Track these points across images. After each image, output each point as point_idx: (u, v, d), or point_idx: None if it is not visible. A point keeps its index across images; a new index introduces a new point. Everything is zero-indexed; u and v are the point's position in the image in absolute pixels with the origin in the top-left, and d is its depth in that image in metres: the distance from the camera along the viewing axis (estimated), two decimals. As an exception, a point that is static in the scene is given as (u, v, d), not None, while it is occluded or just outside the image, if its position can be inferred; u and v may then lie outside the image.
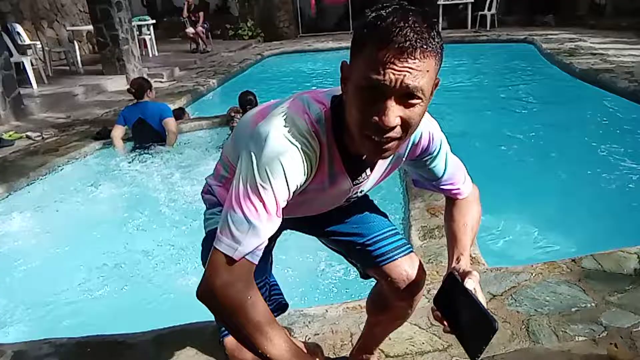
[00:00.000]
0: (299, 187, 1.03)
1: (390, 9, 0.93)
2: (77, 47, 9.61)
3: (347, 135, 1.04)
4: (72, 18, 11.66)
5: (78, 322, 2.55)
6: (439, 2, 13.10)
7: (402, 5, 0.94)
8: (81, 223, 3.69)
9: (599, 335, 1.90)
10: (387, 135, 0.94)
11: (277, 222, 1.00)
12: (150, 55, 11.47)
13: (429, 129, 1.20)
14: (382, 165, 1.21)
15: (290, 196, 1.01)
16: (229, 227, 0.97)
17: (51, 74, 9.07)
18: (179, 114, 6.06)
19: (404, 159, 1.24)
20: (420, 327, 2.02)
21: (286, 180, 0.98)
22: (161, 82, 8.84)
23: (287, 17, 14.71)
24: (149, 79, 5.28)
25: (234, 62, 10.55)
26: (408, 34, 0.88)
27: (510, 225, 3.35)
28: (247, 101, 5.31)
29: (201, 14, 12.01)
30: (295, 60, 11.37)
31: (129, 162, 4.67)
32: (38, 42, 9.21)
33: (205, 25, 12.16)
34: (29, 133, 5.70)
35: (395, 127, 0.93)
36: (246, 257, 0.97)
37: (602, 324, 1.95)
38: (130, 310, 2.66)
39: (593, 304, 2.08)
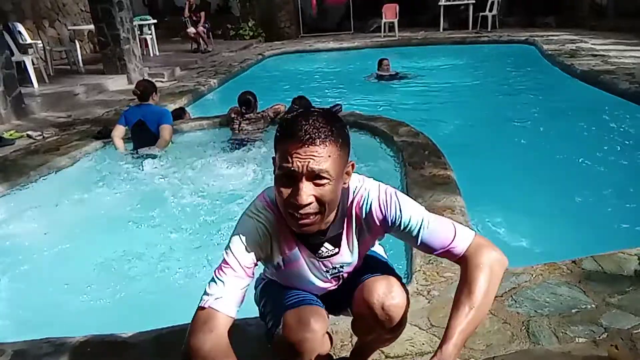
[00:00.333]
0: (261, 248, 1.32)
1: (298, 113, 1.21)
2: (78, 46, 9.62)
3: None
4: (73, 17, 11.67)
5: (78, 321, 2.55)
6: (440, 3, 13.12)
7: (309, 109, 1.23)
8: (81, 222, 3.68)
9: (599, 336, 1.90)
10: (304, 211, 1.18)
11: (244, 278, 1.28)
12: (151, 55, 11.48)
13: (378, 200, 1.34)
14: (348, 240, 1.38)
15: (255, 256, 1.30)
16: (206, 288, 1.28)
17: (52, 73, 9.08)
18: (180, 113, 6.06)
19: (369, 231, 1.38)
20: (420, 328, 2.02)
21: (244, 245, 1.29)
22: (162, 81, 8.85)
23: (288, 17, 14.72)
24: (155, 83, 5.21)
25: (235, 62, 10.55)
26: (308, 129, 1.14)
27: (511, 226, 3.35)
28: (245, 101, 5.31)
29: (202, 13, 12.02)
30: (296, 60, 11.38)
31: (130, 162, 4.67)
32: (39, 41, 9.22)
33: (207, 25, 12.16)
34: (29, 132, 5.71)
35: (310, 203, 1.17)
36: (212, 305, 1.22)
37: (603, 326, 1.95)
38: (130, 310, 2.66)
39: (593, 305, 2.08)
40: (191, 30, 11.75)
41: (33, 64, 8.12)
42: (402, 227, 1.32)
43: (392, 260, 1.66)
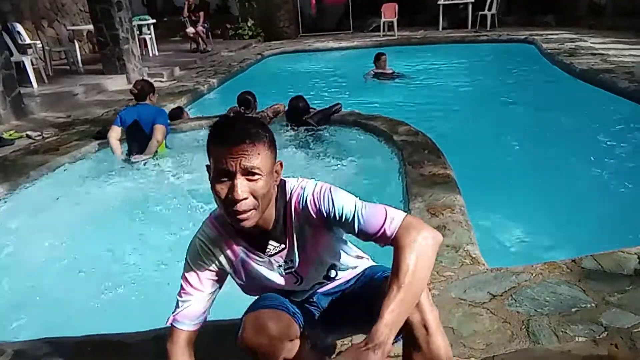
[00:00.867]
0: (206, 262, 1.46)
1: (223, 121, 1.31)
2: (77, 46, 9.62)
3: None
4: (72, 17, 11.66)
5: (78, 321, 2.55)
6: (439, 2, 13.11)
7: (235, 115, 1.36)
8: (81, 222, 3.68)
9: (599, 335, 1.90)
10: (241, 207, 1.27)
11: (197, 295, 1.46)
12: (151, 55, 11.47)
13: (311, 193, 1.41)
14: (291, 235, 1.44)
15: (204, 271, 1.46)
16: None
17: (51, 74, 9.07)
18: (178, 113, 6.06)
19: (309, 227, 1.42)
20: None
21: (190, 265, 1.47)
22: (161, 81, 8.84)
23: (288, 17, 14.70)
24: (153, 83, 5.15)
25: (234, 62, 10.55)
26: (236, 132, 1.26)
27: (511, 226, 3.35)
28: (244, 101, 5.31)
29: (201, 13, 12.01)
30: (295, 60, 11.37)
31: (129, 162, 4.66)
32: (38, 42, 9.22)
33: (206, 24, 12.15)
34: (29, 132, 5.70)
35: (245, 198, 1.26)
36: (173, 323, 1.46)
37: (602, 325, 1.95)
38: (130, 310, 2.66)
39: (593, 304, 2.08)
40: (190, 30, 11.74)
41: (32, 64, 8.12)
42: (337, 217, 1.37)
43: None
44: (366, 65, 8.50)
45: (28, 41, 8.47)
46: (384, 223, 1.32)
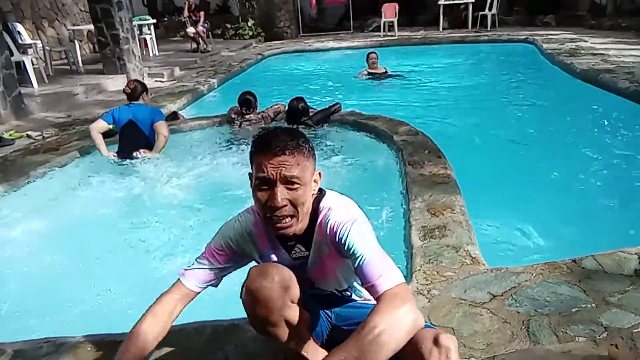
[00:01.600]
0: (238, 241, 1.57)
1: (267, 131, 1.42)
2: (77, 46, 9.63)
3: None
4: (72, 17, 11.66)
5: (78, 321, 2.55)
6: (439, 2, 13.11)
7: (277, 128, 1.45)
8: (81, 222, 3.68)
9: (600, 335, 1.90)
10: (280, 213, 1.37)
11: (214, 264, 1.57)
12: (151, 55, 11.47)
13: (336, 217, 1.46)
14: (315, 245, 1.51)
15: (231, 247, 1.57)
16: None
17: (52, 73, 9.08)
18: (172, 117, 6.07)
19: (326, 243, 1.48)
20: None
21: (219, 237, 1.60)
22: (162, 81, 8.85)
23: (288, 17, 14.71)
24: (145, 83, 5.12)
25: (235, 62, 10.55)
26: (278, 143, 1.36)
27: (511, 226, 3.35)
28: (245, 101, 5.31)
29: (202, 13, 12.02)
30: (295, 60, 11.37)
31: (130, 162, 4.66)
32: (39, 42, 9.22)
33: (206, 24, 12.16)
34: (29, 132, 5.71)
35: (285, 206, 1.36)
36: (180, 278, 1.60)
37: (603, 325, 1.95)
38: (130, 310, 2.65)
39: (593, 305, 2.08)
40: (191, 30, 11.74)
41: (32, 64, 8.13)
42: (346, 249, 1.40)
43: (392, 259, 1.66)
44: (366, 65, 8.50)
45: (28, 41, 8.48)
46: (377, 279, 1.32)
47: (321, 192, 1.53)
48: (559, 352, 1.83)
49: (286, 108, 5.52)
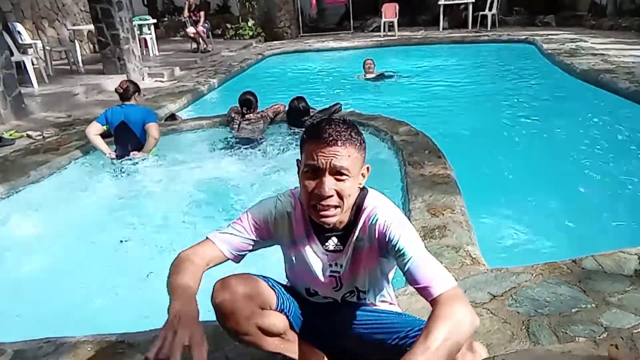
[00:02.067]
0: (274, 218, 1.53)
1: (322, 119, 1.41)
2: (77, 46, 9.62)
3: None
4: (72, 17, 11.66)
5: (78, 321, 2.55)
6: (440, 2, 13.11)
7: (330, 117, 1.40)
8: (82, 222, 3.69)
9: (600, 336, 1.90)
10: (326, 203, 1.35)
11: (246, 232, 1.52)
12: (151, 55, 11.48)
13: (385, 216, 1.45)
14: (352, 243, 1.49)
15: (266, 222, 1.53)
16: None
17: (52, 73, 9.08)
18: (170, 119, 6.07)
19: (373, 245, 1.47)
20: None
21: (256, 208, 1.57)
22: (162, 81, 8.85)
23: (288, 17, 14.71)
24: (137, 83, 5.09)
25: (235, 62, 10.55)
26: (331, 132, 1.34)
27: (511, 226, 3.35)
28: (244, 101, 5.31)
29: (202, 13, 12.02)
30: (295, 60, 11.37)
31: (130, 162, 4.66)
32: (39, 41, 9.22)
33: (206, 24, 12.16)
34: (29, 132, 5.70)
35: (331, 196, 1.35)
36: (212, 238, 1.52)
37: (603, 325, 1.95)
38: (130, 310, 2.66)
39: (593, 305, 2.08)
40: (191, 30, 11.74)
41: (33, 64, 8.13)
42: (395, 250, 1.40)
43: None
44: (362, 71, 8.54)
45: (28, 41, 8.48)
46: (431, 282, 1.31)
47: (364, 189, 1.51)
48: (559, 353, 1.83)
49: (286, 108, 5.52)
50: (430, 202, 3.17)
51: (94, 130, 4.76)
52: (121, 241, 3.41)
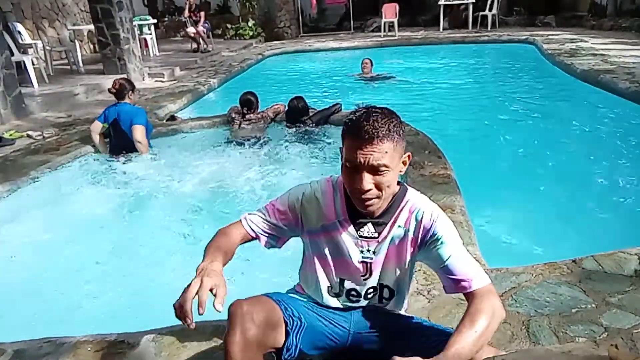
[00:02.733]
0: (306, 202, 1.56)
1: (360, 112, 1.41)
2: (78, 46, 9.62)
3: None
4: (73, 17, 11.67)
5: (78, 321, 2.55)
6: (440, 2, 13.11)
7: (369, 108, 1.42)
8: (82, 222, 3.68)
9: (600, 336, 1.90)
10: (366, 196, 1.39)
11: (274, 217, 1.58)
12: (151, 55, 11.47)
13: (431, 211, 1.51)
14: (389, 232, 1.51)
15: (296, 206, 1.56)
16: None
17: (52, 73, 9.07)
18: (170, 120, 6.07)
19: (412, 237, 1.51)
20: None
21: (287, 196, 1.60)
22: (162, 81, 8.85)
23: (288, 17, 14.72)
24: (133, 82, 5.08)
25: (235, 62, 10.55)
26: (369, 130, 1.34)
27: (511, 226, 3.35)
28: (245, 101, 5.31)
29: (202, 13, 12.02)
30: (296, 60, 11.37)
31: (130, 162, 4.66)
32: (39, 41, 9.22)
33: (206, 24, 12.16)
34: (29, 132, 5.70)
35: (370, 189, 1.38)
36: (242, 220, 1.61)
37: (603, 325, 1.95)
38: (130, 310, 2.66)
39: (593, 305, 2.08)
40: (191, 30, 11.74)
41: (33, 64, 8.12)
42: (437, 245, 1.47)
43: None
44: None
45: (29, 41, 8.48)
46: (471, 276, 1.42)
47: (404, 186, 1.56)
48: (559, 353, 1.82)
49: (286, 108, 5.52)
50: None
51: (95, 129, 4.85)
52: (121, 241, 3.41)
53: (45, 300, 2.80)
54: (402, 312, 1.69)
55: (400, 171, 1.46)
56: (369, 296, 1.60)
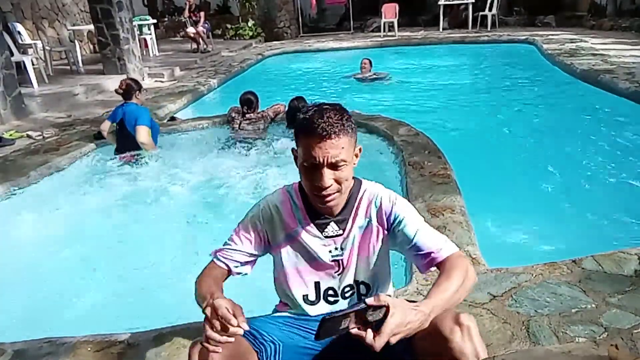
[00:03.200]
0: (264, 220, 1.56)
1: (312, 110, 1.41)
2: (77, 46, 9.63)
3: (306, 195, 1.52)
4: (72, 17, 11.67)
5: (78, 321, 2.55)
6: (440, 3, 13.11)
7: (319, 105, 1.43)
8: (81, 222, 3.69)
9: (600, 336, 1.90)
10: (327, 192, 1.41)
11: (244, 244, 1.56)
12: (151, 55, 11.47)
13: (388, 195, 1.56)
14: (353, 226, 1.53)
15: (257, 228, 1.56)
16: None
17: (52, 74, 9.08)
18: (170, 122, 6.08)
19: (376, 225, 1.54)
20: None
21: (247, 219, 1.60)
22: (162, 81, 8.85)
23: (288, 17, 14.72)
24: (140, 82, 5.08)
25: (235, 62, 10.55)
26: (325, 127, 1.36)
27: (511, 226, 3.35)
28: (245, 101, 5.31)
29: (202, 13, 12.02)
30: (295, 60, 11.37)
31: (130, 162, 4.66)
32: (39, 42, 9.23)
33: (206, 25, 12.16)
34: (29, 132, 5.71)
35: (331, 185, 1.40)
36: (215, 260, 1.57)
37: (603, 325, 1.95)
38: (130, 310, 2.66)
39: (593, 305, 2.08)
40: (191, 30, 11.74)
41: (33, 64, 8.12)
42: (402, 225, 1.50)
43: (392, 260, 1.66)
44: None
45: (29, 41, 8.49)
46: (442, 245, 1.46)
47: (357, 179, 1.57)
48: (559, 353, 1.83)
49: (286, 108, 5.52)
50: (430, 202, 3.17)
51: (105, 128, 4.97)
52: (120, 241, 3.41)
53: (45, 300, 2.80)
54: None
55: (354, 164, 1.49)
56: (347, 295, 1.58)
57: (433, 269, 1.48)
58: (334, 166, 1.38)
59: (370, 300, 1.20)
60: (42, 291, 2.89)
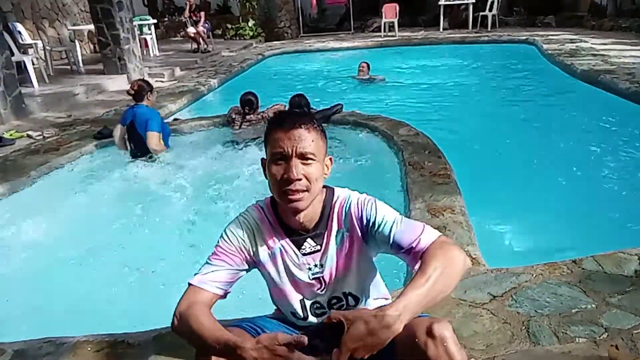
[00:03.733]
0: (245, 238, 1.50)
1: (282, 111, 1.47)
2: (78, 46, 9.63)
3: (278, 206, 1.50)
4: (73, 17, 11.67)
5: (78, 321, 2.55)
6: (440, 3, 13.12)
7: (290, 109, 1.51)
8: (81, 222, 3.69)
9: (600, 336, 1.90)
10: (295, 187, 1.36)
11: (228, 262, 1.47)
12: (152, 55, 11.48)
13: (357, 198, 1.50)
14: (329, 239, 1.49)
15: (240, 245, 1.49)
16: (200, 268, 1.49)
17: (52, 73, 9.08)
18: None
19: (348, 233, 1.49)
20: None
21: (226, 235, 1.52)
22: (162, 81, 8.85)
23: (288, 17, 14.72)
24: (151, 83, 5.05)
25: (235, 62, 10.55)
26: (294, 118, 1.39)
27: (511, 226, 3.35)
28: (246, 101, 5.31)
29: (202, 13, 12.02)
30: (296, 60, 11.37)
31: (129, 162, 4.66)
32: (39, 41, 9.22)
33: (207, 25, 12.16)
34: (29, 132, 5.71)
35: (300, 179, 1.36)
36: (197, 284, 1.44)
37: (603, 326, 1.95)
38: (130, 310, 2.66)
39: (593, 305, 2.08)
40: (191, 30, 11.75)
41: (33, 64, 8.13)
42: (377, 225, 1.43)
43: (391, 262, 1.66)
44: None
45: (29, 41, 8.49)
46: (420, 234, 1.37)
47: (330, 188, 1.53)
48: (559, 353, 1.83)
49: (286, 108, 5.52)
50: (430, 202, 3.17)
51: (118, 133, 4.75)
52: (120, 241, 3.40)
53: (45, 300, 2.80)
54: (374, 300, 1.60)
55: (325, 173, 1.45)
56: (335, 307, 1.56)
57: None
58: (303, 157, 1.36)
59: (326, 320, 1.19)
60: (42, 291, 2.89)
